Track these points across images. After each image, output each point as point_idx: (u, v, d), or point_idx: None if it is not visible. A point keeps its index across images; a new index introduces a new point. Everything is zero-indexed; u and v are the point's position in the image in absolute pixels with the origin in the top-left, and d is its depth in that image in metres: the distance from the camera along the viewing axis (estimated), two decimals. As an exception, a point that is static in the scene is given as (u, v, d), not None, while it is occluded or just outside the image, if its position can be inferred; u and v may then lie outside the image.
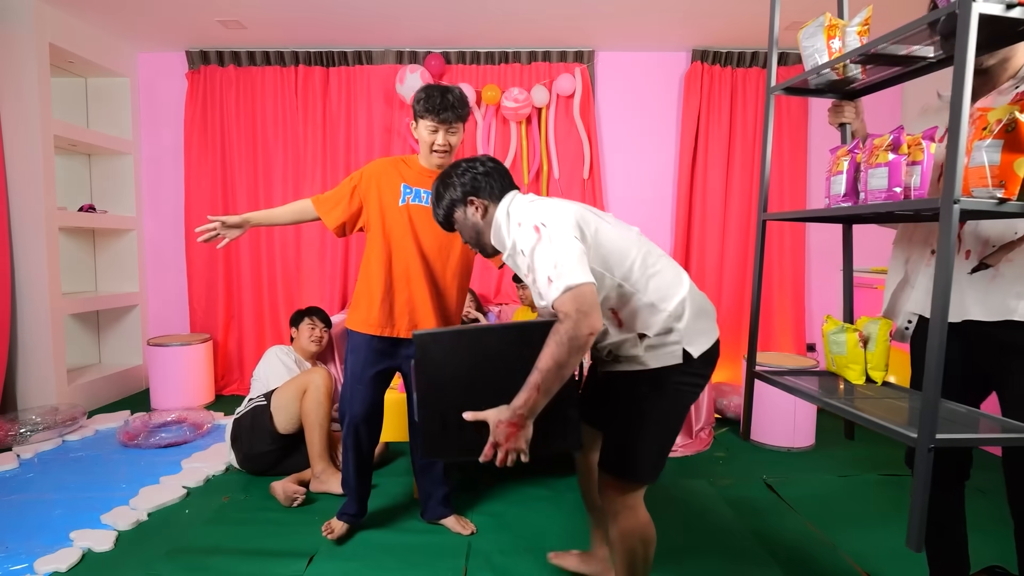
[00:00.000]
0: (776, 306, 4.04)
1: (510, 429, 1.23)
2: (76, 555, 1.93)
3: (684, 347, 1.38)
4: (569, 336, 1.17)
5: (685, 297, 1.40)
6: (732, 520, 2.23)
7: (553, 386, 1.21)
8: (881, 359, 1.44)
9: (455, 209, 1.48)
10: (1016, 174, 1.04)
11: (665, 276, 1.41)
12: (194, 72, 3.96)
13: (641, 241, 1.44)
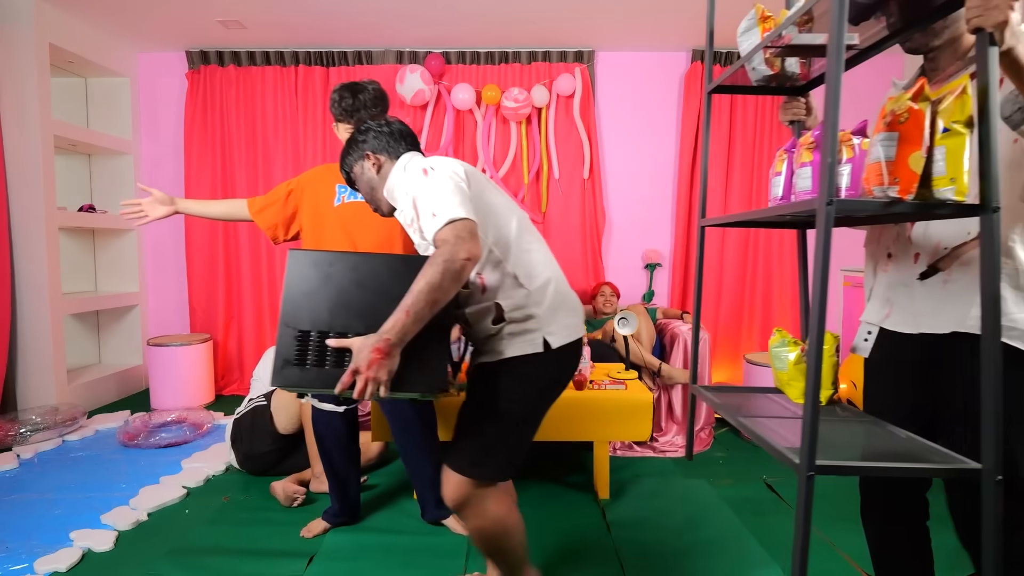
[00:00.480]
0: (776, 306, 4.04)
1: (374, 355, 1.13)
2: (76, 555, 1.93)
3: (544, 336, 1.34)
4: (444, 258, 1.14)
5: (550, 281, 1.38)
6: (732, 520, 2.23)
7: (424, 312, 1.15)
8: (827, 376, 1.29)
9: (354, 164, 1.48)
10: (911, 170, 0.94)
11: (535, 256, 1.39)
12: (194, 72, 3.96)
13: (523, 221, 1.43)
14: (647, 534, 2.12)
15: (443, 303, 1.17)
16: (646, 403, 2.38)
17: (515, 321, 1.34)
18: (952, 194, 0.92)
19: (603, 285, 3.63)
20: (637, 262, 4.13)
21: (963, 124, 0.92)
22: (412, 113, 3.93)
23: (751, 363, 3.10)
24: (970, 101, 0.91)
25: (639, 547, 2.04)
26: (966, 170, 0.92)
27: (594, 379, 2.53)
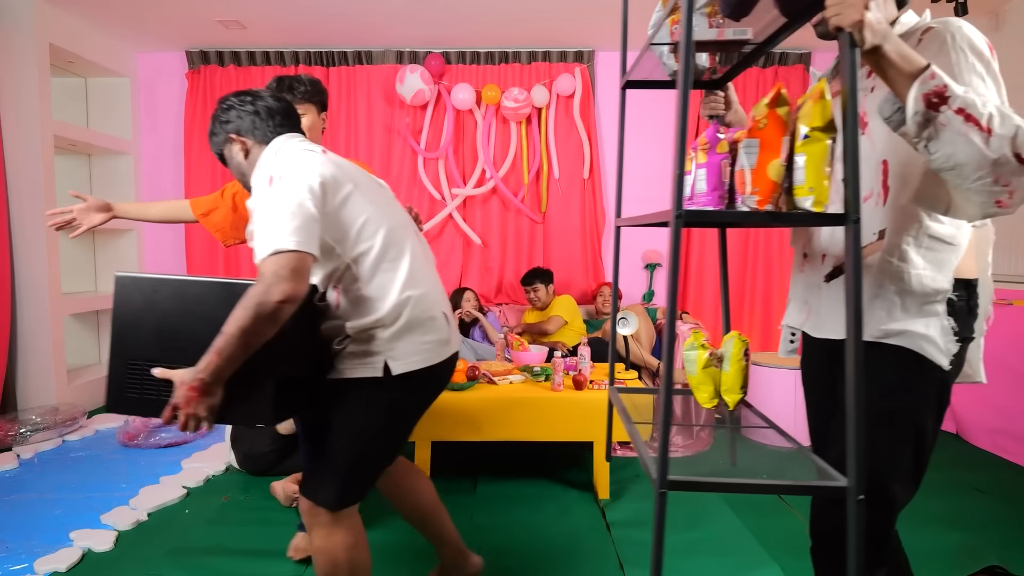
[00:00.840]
0: (776, 306, 4.04)
1: (190, 393, 1.09)
2: (76, 555, 1.93)
3: (386, 360, 1.24)
4: (256, 300, 1.06)
5: (407, 301, 1.26)
6: (732, 520, 2.23)
7: (236, 353, 1.08)
8: (735, 380, 1.23)
9: (222, 147, 1.35)
10: (769, 179, 0.89)
11: (398, 273, 1.27)
12: (194, 72, 3.96)
13: (394, 233, 1.30)
14: (647, 534, 2.12)
15: (259, 343, 1.10)
16: (646, 403, 2.38)
17: (358, 341, 1.25)
18: (810, 204, 0.88)
19: (603, 285, 3.63)
20: (637, 262, 4.13)
21: (822, 130, 0.87)
22: (412, 113, 3.94)
23: (751, 363, 3.10)
24: (829, 105, 0.87)
25: (639, 547, 2.04)
26: (827, 178, 0.88)
27: (594, 379, 2.53)
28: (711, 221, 0.86)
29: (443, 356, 1.33)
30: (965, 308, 1.04)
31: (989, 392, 2.97)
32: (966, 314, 1.04)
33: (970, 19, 3.43)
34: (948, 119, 0.86)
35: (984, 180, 0.88)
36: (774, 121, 0.90)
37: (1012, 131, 0.84)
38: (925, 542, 2.05)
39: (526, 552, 2.01)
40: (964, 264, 1.05)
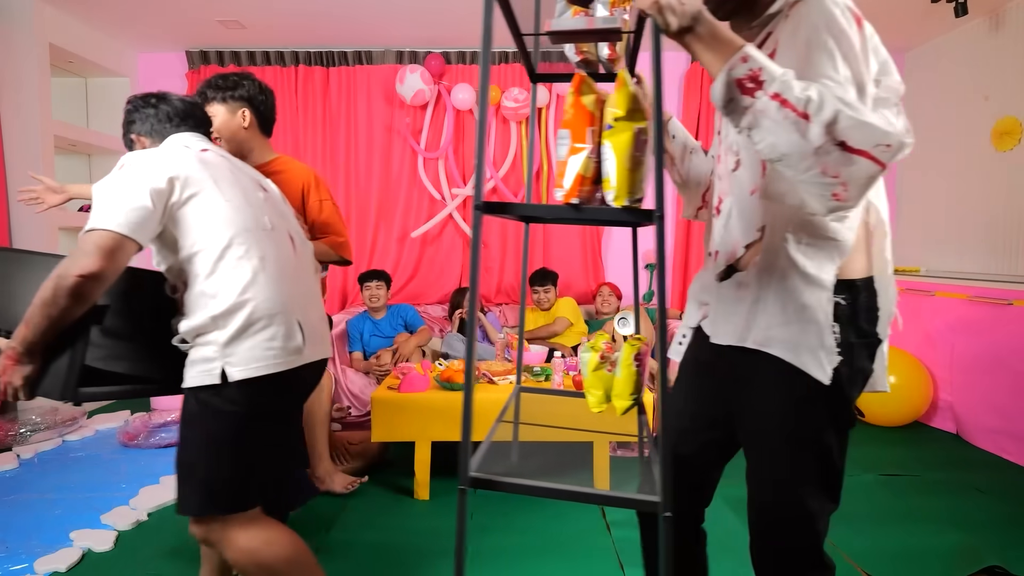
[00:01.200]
0: (776, 306, 4.04)
1: (5, 362, 1.12)
2: (76, 555, 1.93)
3: (223, 366, 1.19)
4: (57, 273, 1.07)
5: (247, 303, 1.21)
6: (732, 520, 2.23)
7: (44, 325, 1.09)
8: (626, 385, 1.17)
9: (129, 146, 1.39)
10: (576, 172, 0.83)
11: (237, 277, 1.22)
12: (194, 72, 3.96)
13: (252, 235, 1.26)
14: (647, 534, 2.12)
15: (64, 317, 1.10)
16: (646, 403, 2.38)
17: (198, 347, 1.22)
18: (611, 198, 0.82)
19: (602, 286, 3.63)
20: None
21: (627, 118, 0.81)
22: (412, 113, 3.93)
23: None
24: (630, 93, 0.81)
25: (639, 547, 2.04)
26: (635, 170, 0.82)
27: (594, 379, 2.53)
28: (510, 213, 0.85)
29: (294, 364, 1.27)
30: (852, 311, 0.95)
31: (989, 392, 2.97)
32: (856, 318, 0.95)
33: (970, 19, 3.46)
34: (764, 105, 0.78)
35: (812, 171, 0.79)
36: (579, 111, 0.84)
37: (831, 116, 0.75)
38: (925, 542, 2.06)
39: (526, 552, 2.01)
40: (853, 262, 0.96)
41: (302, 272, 1.41)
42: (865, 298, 0.97)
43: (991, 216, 3.37)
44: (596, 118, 0.85)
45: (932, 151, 3.81)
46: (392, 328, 3.38)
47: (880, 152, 0.76)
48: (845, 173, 0.77)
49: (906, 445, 3.06)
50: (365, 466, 2.68)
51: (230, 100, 1.82)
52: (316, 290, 1.48)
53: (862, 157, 0.76)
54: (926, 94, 3.86)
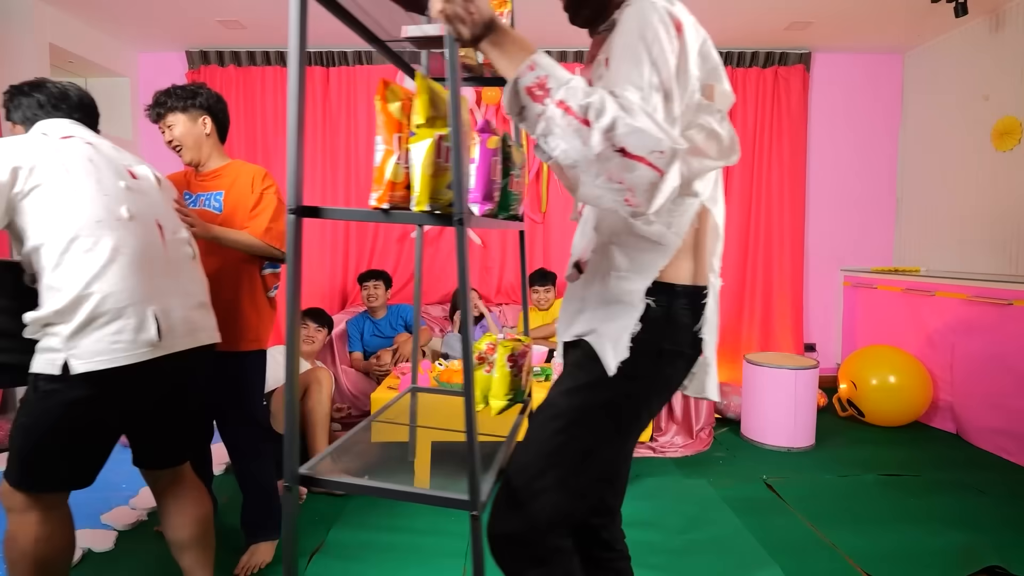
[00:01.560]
0: (775, 306, 4.04)
1: None
2: (76, 555, 1.93)
3: (67, 358, 1.20)
4: None
5: (87, 297, 1.20)
6: (732, 520, 2.23)
7: None
8: (500, 386, 1.19)
9: (8, 132, 1.40)
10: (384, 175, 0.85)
11: (83, 268, 1.21)
12: (194, 72, 3.96)
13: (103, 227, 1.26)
14: (648, 534, 2.12)
15: None
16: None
17: (46, 336, 1.22)
18: (414, 203, 0.85)
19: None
20: (637, 262, 4.12)
21: (426, 126, 0.84)
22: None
23: (751, 363, 3.10)
24: (427, 100, 0.83)
25: (639, 547, 2.04)
26: (429, 176, 0.84)
27: (594, 379, 2.53)
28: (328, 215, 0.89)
29: (145, 357, 1.27)
30: (667, 315, 0.94)
31: (989, 392, 2.97)
32: (671, 323, 0.94)
33: (970, 19, 3.46)
34: (552, 113, 0.78)
35: (601, 178, 0.78)
36: (387, 118, 0.87)
37: (609, 122, 0.75)
38: (925, 542, 2.06)
39: (526, 552, 2.01)
40: (677, 268, 0.95)
41: (170, 262, 1.40)
42: (684, 304, 0.95)
43: (991, 216, 3.37)
44: (404, 125, 0.87)
45: (932, 151, 3.81)
46: (392, 328, 3.38)
47: (656, 158, 0.76)
48: (628, 179, 0.77)
49: (906, 445, 3.06)
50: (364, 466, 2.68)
51: (191, 108, 1.85)
52: (190, 279, 1.47)
53: (641, 163, 0.76)
54: (926, 94, 3.86)
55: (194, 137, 1.88)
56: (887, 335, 3.64)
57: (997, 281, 2.96)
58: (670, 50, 0.82)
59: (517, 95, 0.81)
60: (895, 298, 3.62)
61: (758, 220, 4.01)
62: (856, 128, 4.07)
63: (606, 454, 0.97)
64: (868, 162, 4.10)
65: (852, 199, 4.11)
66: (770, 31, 3.66)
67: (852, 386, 3.36)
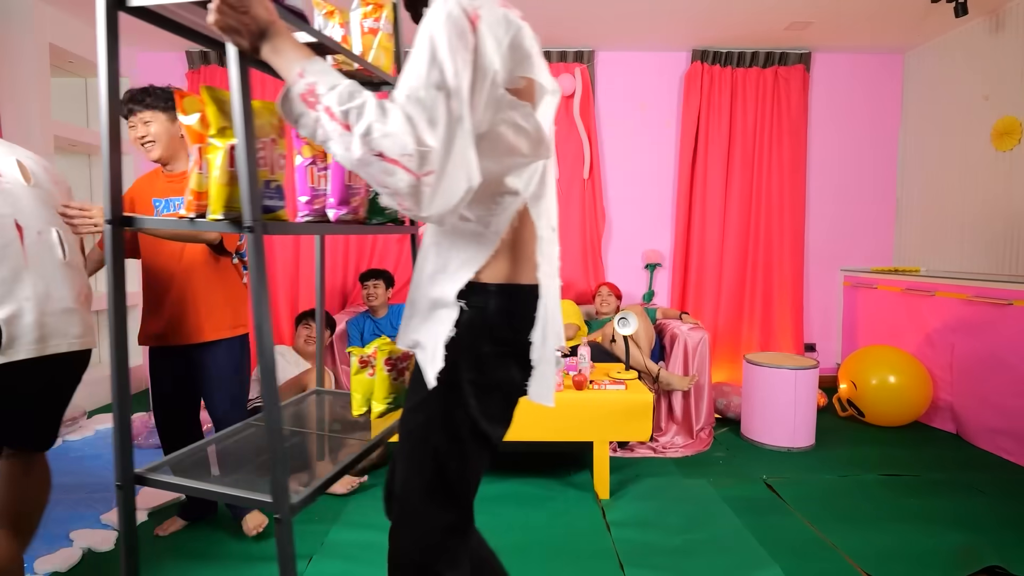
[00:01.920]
0: (776, 306, 4.04)
1: None
2: (76, 555, 1.93)
3: None
4: None
5: None
6: (732, 520, 2.23)
7: None
8: (380, 389, 1.20)
9: None
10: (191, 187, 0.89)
11: None
12: (194, 72, 3.96)
13: None
14: (647, 534, 2.12)
15: None
16: (646, 403, 2.38)
17: None
18: (209, 212, 0.87)
19: (601, 286, 3.63)
20: (637, 262, 4.13)
21: (217, 136, 0.87)
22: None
23: (751, 363, 3.10)
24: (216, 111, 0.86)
25: (639, 547, 2.04)
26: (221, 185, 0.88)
27: (594, 379, 2.53)
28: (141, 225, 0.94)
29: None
30: (483, 318, 0.92)
31: (989, 392, 2.97)
32: (490, 325, 0.92)
33: (970, 19, 3.46)
34: (322, 120, 0.78)
35: (373, 181, 0.78)
36: (188, 130, 0.90)
37: (365, 127, 0.75)
38: (925, 542, 2.05)
39: (526, 552, 2.01)
40: (493, 268, 0.93)
41: (30, 265, 1.37)
42: (503, 305, 0.93)
43: (991, 216, 3.37)
44: (204, 135, 0.90)
45: (932, 151, 3.81)
46: (393, 328, 3.38)
47: (407, 161, 0.76)
48: (391, 183, 0.77)
49: (906, 445, 3.06)
50: (365, 466, 2.68)
51: (170, 110, 1.90)
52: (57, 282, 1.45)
53: (397, 166, 0.76)
54: (926, 94, 3.86)
55: (170, 135, 1.92)
56: (887, 335, 3.65)
57: (997, 281, 2.96)
58: (460, 47, 0.80)
59: (291, 102, 0.80)
60: (895, 298, 3.62)
61: (758, 220, 4.01)
62: (856, 128, 4.07)
63: (456, 465, 0.95)
64: (868, 162, 4.10)
65: (852, 199, 4.11)
66: (770, 31, 3.66)
67: (852, 386, 3.36)
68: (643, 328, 3.12)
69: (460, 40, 0.79)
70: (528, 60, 0.87)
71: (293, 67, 0.80)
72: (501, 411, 0.97)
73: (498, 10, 0.85)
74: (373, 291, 3.36)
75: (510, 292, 0.94)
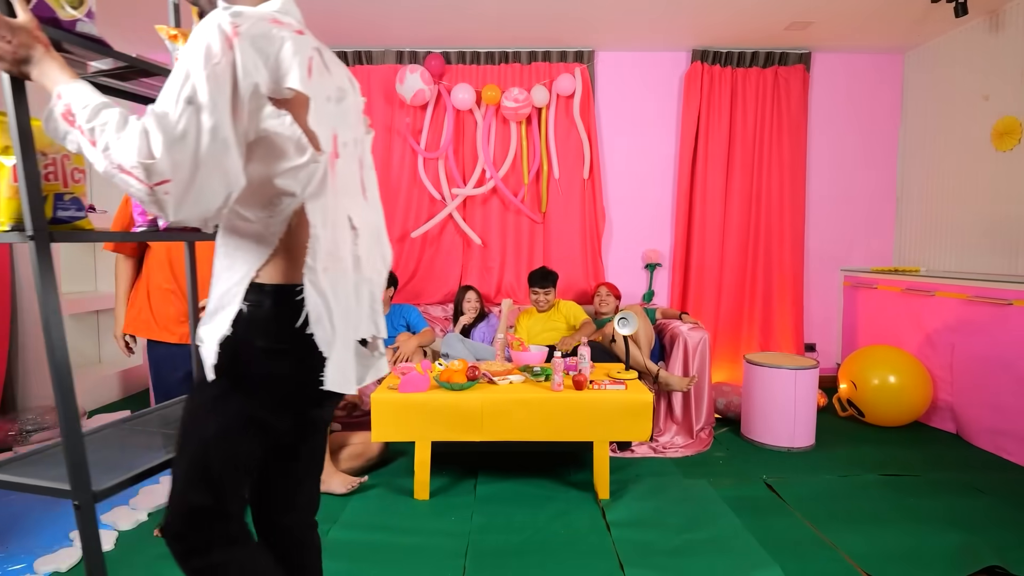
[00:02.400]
0: (776, 306, 4.04)
1: None
2: (76, 555, 1.93)
3: None
4: None
5: None
6: (732, 520, 2.23)
7: None
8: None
9: None
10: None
11: None
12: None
13: None
14: (647, 534, 2.12)
15: None
16: (646, 403, 2.38)
17: None
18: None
19: (600, 286, 3.63)
20: (637, 262, 4.13)
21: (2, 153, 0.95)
22: (412, 113, 3.93)
23: (751, 363, 3.10)
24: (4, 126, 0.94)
25: (639, 547, 2.04)
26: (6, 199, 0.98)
27: (594, 379, 2.53)
28: None
29: None
30: (253, 317, 0.97)
31: (989, 392, 2.97)
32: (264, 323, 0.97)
33: (970, 19, 3.46)
34: (78, 137, 0.85)
35: (126, 191, 0.86)
36: None
37: (105, 142, 0.82)
38: (925, 542, 2.06)
39: (526, 552, 2.01)
40: (271, 268, 0.98)
41: None
42: (275, 303, 0.98)
43: (991, 216, 3.37)
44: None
45: (932, 151, 3.81)
46: (393, 328, 3.38)
47: (138, 171, 0.81)
48: (132, 192, 0.84)
49: (906, 445, 3.06)
50: (365, 466, 2.68)
51: None
52: None
53: (131, 177, 0.82)
54: (926, 94, 3.86)
55: None
56: (887, 335, 3.65)
57: (997, 281, 2.96)
58: (215, 63, 0.85)
59: (56, 122, 0.87)
60: (895, 298, 3.62)
61: (758, 220, 4.01)
62: (856, 128, 4.07)
63: (222, 451, 1.02)
64: (868, 162, 4.10)
65: (852, 199, 4.11)
66: (770, 31, 3.66)
67: (852, 386, 3.36)
68: (643, 328, 3.12)
69: (216, 56, 0.85)
70: (291, 72, 0.92)
71: (55, 89, 0.87)
72: (280, 402, 1.03)
73: (262, 25, 0.91)
74: None
75: (286, 291, 0.98)
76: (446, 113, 3.90)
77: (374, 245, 1.13)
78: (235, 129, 0.87)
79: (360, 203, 1.10)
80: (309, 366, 0.99)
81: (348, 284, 1.03)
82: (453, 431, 2.36)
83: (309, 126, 0.95)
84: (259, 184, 0.94)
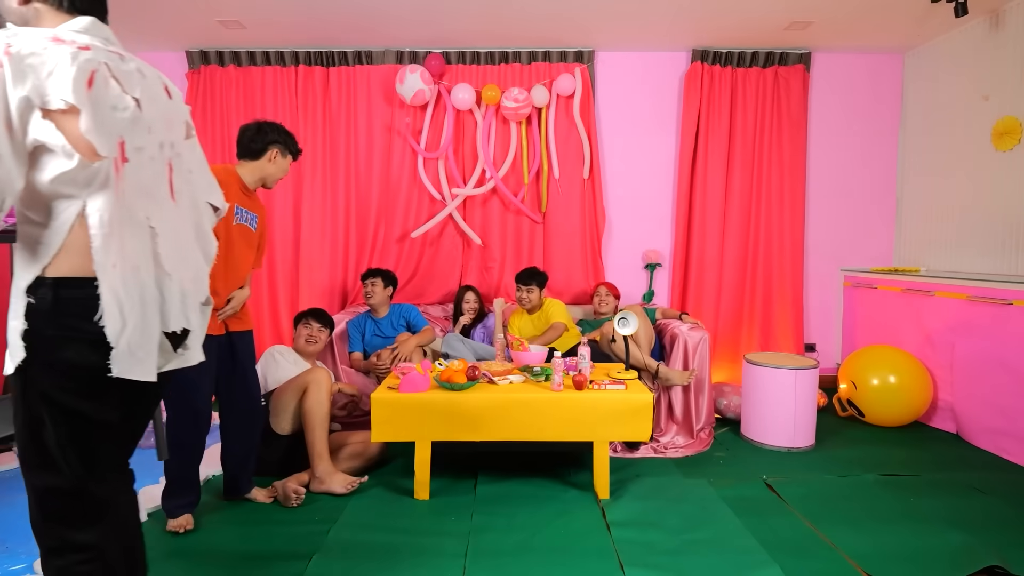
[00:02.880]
0: (776, 306, 4.04)
1: None
2: (76, 555, 1.93)
3: None
4: None
5: None
6: (732, 520, 2.23)
7: None
8: None
9: None
10: None
11: None
12: (194, 72, 3.96)
13: None
14: (647, 534, 2.12)
15: None
16: (646, 403, 2.38)
17: None
18: None
19: (599, 285, 3.63)
20: (637, 262, 4.13)
21: None
22: (412, 113, 3.93)
23: (751, 363, 3.10)
24: None
25: (639, 547, 2.04)
26: None
27: (594, 379, 2.53)
28: None
29: None
30: (42, 307, 1.05)
31: (989, 392, 2.97)
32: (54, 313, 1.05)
33: (970, 19, 3.45)
34: None
35: None
36: None
37: None
38: (925, 542, 2.06)
39: (526, 552, 2.01)
40: (58, 263, 1.06)
41: None
42: (61, 296, 1.06)
43: (991, 216, 3.37)
44: None
45: (932, 151, 3.81)
46: (393, 328, 3.38)
47: None
48: None
49: (906, 445, 3.06)
50: (365, 466, 2.68)
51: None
52: None
53: None
54: (926, 94, 3.86)
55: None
56: (887, 335, 3.65)
57: (997, 281, 2.96)
58: None
59: None
60: (895, 298, 3.62)
61: (758, 220, 4.01)
62: (856, 128, 4.07)
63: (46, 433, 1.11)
64: (868, 162, 4.10)
65: (852, 199, 4.11)
66: (770, 31, 3.66)
67: (852, 386, 3.36)
68: (643, 328, 3.12)
69: None
70: (61, 85, 0.99)
71: None
72: (83, 387, 1.10)
73: (35, 43, 0.99)
74: (371, 289, 3.36)
75: (71, 284, 1.06)
76: (446, 113, 3.90)
77: (185, 243, 1.22)
78: (10, 140, 0.96)
79: (165, 205, 1.18)
80: (103, 353, 1.06)
81: (145, 280, 1.11)
82: (453, 431, 2.36)
83: (83, 133, 1.01)
84: (38, 188, 1.02)
